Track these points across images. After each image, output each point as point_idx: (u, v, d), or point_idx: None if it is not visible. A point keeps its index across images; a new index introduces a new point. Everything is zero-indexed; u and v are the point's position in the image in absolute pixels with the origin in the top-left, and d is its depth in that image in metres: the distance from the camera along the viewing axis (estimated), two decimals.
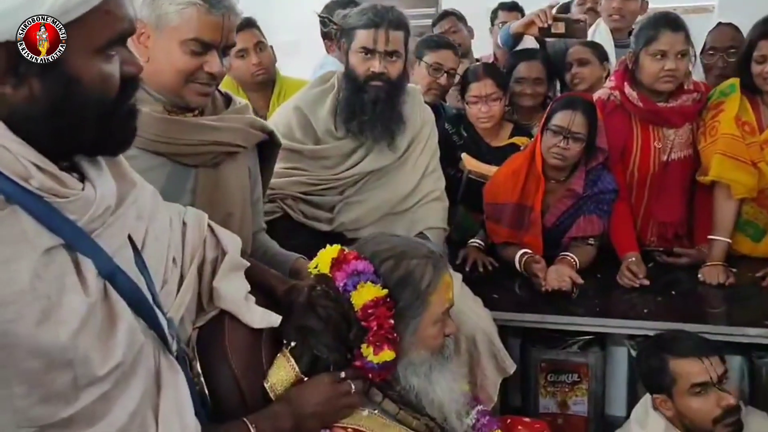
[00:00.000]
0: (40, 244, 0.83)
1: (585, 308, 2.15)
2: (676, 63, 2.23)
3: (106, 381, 0.87)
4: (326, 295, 1.24)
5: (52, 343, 0.81)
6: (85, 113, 0.86)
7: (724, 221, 2.30)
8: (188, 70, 1.38)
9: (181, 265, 1.14)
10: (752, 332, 1.98)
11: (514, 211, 2.34)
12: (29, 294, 0.80)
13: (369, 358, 1.21)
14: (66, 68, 0.83)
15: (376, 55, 1.95)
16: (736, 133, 2.27)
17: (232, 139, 1.50)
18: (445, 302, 1.30)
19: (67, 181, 0.87)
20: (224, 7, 1.36)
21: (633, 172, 2.40)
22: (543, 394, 2.27)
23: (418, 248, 1.33)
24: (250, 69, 2.73)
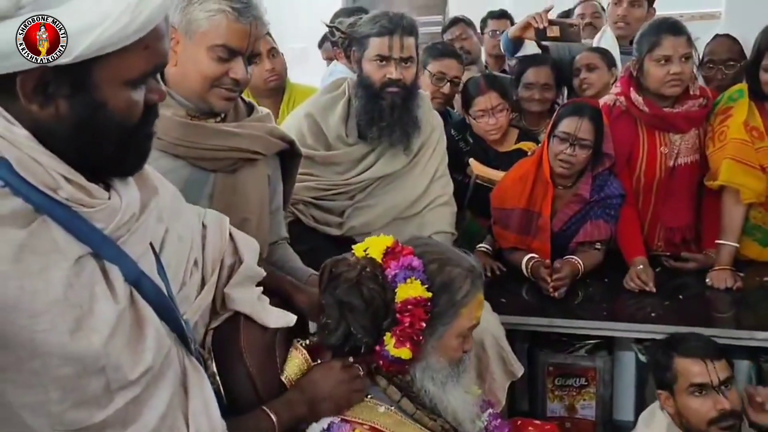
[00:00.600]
0: (71, 253, 0.85)
1: (592, 312, 2.16)
2: (681, 66, 2.24)
3: (138, 385, 0.89)
4: (375, 278, 1.25)
5: (85, 351, 0.84)
6: (107, 136, 0.89)
7: (732, 226, 2.31)
8: (214, 76, 1.42)
9: (203, 267, 1.16)
10: (760, 336, 1.98)
11: (522, 217, 2.36)
12: (62, 303, 0.82)
13: (388, 348, 1.23)
14: (95, 94, 0.85)
15: (391, 62, 1.98)
16: (745, 138, 2.28)
17: (251, 145, 1.54)
18: (473, 319, 1.32)
19: (94, 191, 0.89)
20: (252, 16, 1.41)
21: (640, 177, 2.41)
22: (551, 398, 2.29)
23: (462, 260, 1.34)
24: (263, 75, 2.76)
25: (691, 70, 2.29)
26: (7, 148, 0.83)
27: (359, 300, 1.23)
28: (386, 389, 1.31)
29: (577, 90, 2.88)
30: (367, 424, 1.24)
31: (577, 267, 2.28)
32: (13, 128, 0.84)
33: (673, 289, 2.24)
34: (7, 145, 0.83)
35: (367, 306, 1.23)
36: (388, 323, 1.24)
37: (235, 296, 1.21)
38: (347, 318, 1.24)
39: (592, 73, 2.82)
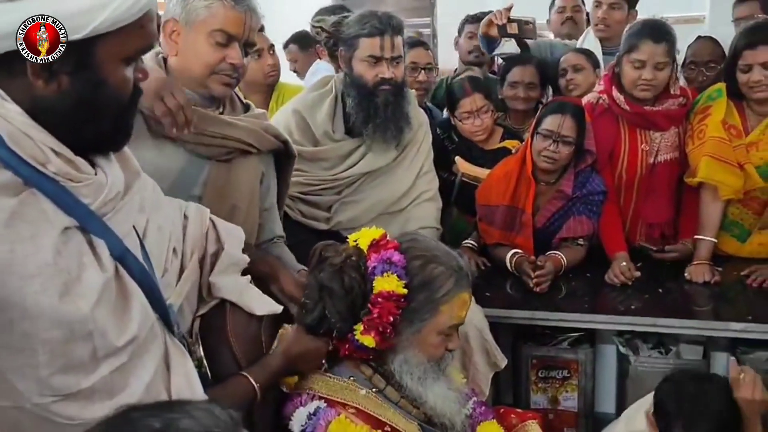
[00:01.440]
0: (58, 223, 0.89)
1: (575, 306, 2.20)
2: (653, 74, 2.29)
3: (124, 353, 0.93)
4: (357, 268, 1.30)
5: (74, 315, 0.87)
6: (105, 112, 0.94)
7: (710, 221, 2.36)
8: (213, 62, 1.51)
9: (182, 256, 1.20)
10: (736, 327, 2.03)
11: (506, 213, 2.40)
12: (52, 267, 0.86)
13: (356, 334, 1.28)
14: (98, 71, 0.91)
15: (383, 61, 2.04)
16: (723, 136, 2.32)
17: (246, 137, 1.60)
18: (455, 318, 1.34)
19: (81, 166, 0.93)
20: (247, 6, 1.52)
21: (621, 173, 2.46)
22: (534, 390, 2.33)
23: (450, 258, 1.37)
24: (264, 69, 2.82)
25: (666, 77, 2.33)
26: (0, 123, 0.87)
27: (339, 286, 1.27)
28: (371, 377, 1.35)
29: (563, 90, 2.92)
30: (351, 405, 1.28)
31: (560, 262, 2.32)
32: (5, 104, 0.88)
33: (653, 283, 2.29)
34: (0, 120, 0.87)
35: (346, 293, 1.27)
36: (363, 312, 1.28)
37: (220, 284, 1.25)
38: (325, 301, 1.28)
39: (579, 73, 2.86)
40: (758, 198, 2.38)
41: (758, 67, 2.21)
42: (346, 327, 1.29)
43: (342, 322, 1.28)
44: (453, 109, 2.71)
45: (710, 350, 2.26)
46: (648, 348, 2.24)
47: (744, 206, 2.40)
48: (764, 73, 2.21)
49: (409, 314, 1.30)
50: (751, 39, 2.24)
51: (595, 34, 3.21)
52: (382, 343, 1.28)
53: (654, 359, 2.21)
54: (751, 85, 2.25)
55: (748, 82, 2.25)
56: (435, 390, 1.33)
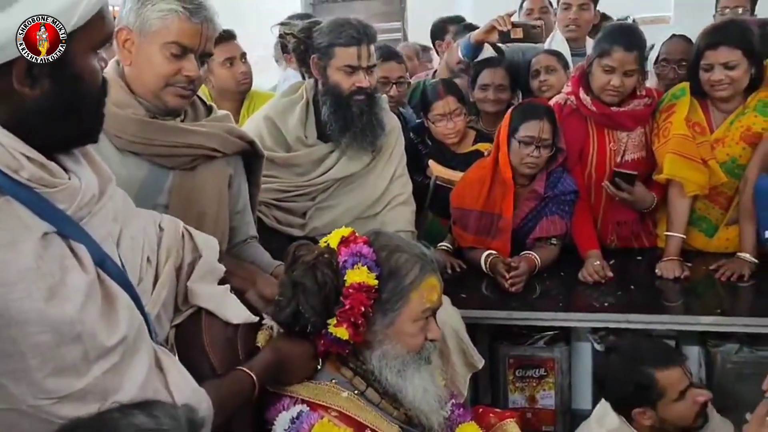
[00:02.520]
0: (37, 228, 0.89)
1: (550, 305, 2.24)
2: (622, 80, 2.34)
3: (115, 353, 0.93)
4: (329, 264, 1.31)
5: (61, 318, 0.87)
6: (86, 104, 0.96)
7: (678, 218, 2.40)
8: (167, 74, 1.48)
9: (156, 264, 1.21)
10: (705, 320, 2.08)
11: (480, 218, 2.42)
12: (35, 272, 0.86)
13: (330, 329, 1.29)
14: (72, 68, 0.93)
15: (360, 70, 2.05)
16: (686, 133, 2.37)
17: (209, 142, 1.59)
18: (426, 302, 1.35)
19: (55, 171, 0.94)
20: (203, 17, 1.48)
21: (591, 173, 2.50)
22: (512, 390, 2.36)
23: (412, 248, 1.39)
24: (237, 77, 2.82)
25: (634, 83, 2.38)
26: None
27: (312, 282, 1.28)
28: (352, 379, 1.35)
29: (536, 92, 2.95)
30: (334, 409, 1.29)
31: (534, 262, 2.36)
32: None
33: (625, 280, 2.33)
34: None
35: (319, 289, 1.28)
36: (337, 307, 1.29)
37: (197, 291, 1.25)
38: (299, 298, 1.29)
39: (551, 74, 2.90)
40: (724, 193, 2.44)
41: (719, 67, 2.27)
42: (321, 322, 1.30)
43: (316, 316, 1.29)
44: (426, 111, 2.73)
45: (682, 344, 2.31)
46: None
47: (710, 201, 2.46)
48: (725, 72, 2.27)
49: (380, 305, 1.32)
50: (712, 39, 2.29)
51: (565, 35, 3.26)
52: (356, 335, 1.29)
53: None
54: (712, 84, 2.31)
55: (709, 80, 2.31)
56: (415, 382, 1.34)
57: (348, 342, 1.30)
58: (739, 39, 2.27)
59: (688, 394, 1.77)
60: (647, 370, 1.77)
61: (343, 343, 1.30)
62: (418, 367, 1.36)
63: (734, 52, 2.25)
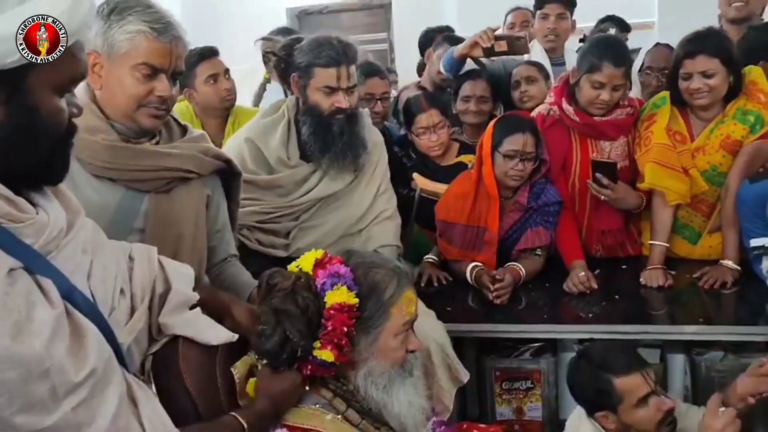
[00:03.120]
0: (3, 264, 0.88)
1: (535, 316, 2.24)
2: (611, 94, 2.36)
3: (84, 387, 0.92)
4: (308, 287, 1.30)
5: (28, 354, 0.86)
6: (40, 141, 0.94)
7: (661, 227, 2.41)
8: (139, 95, 1.46)
9: (131, 296, 1.20)
10: (689, 329, 2.09)
11: (464, 232, 2.42)
12: (1, 309, 0.85)
13: (315, 352, 1.28)
14: (30, 99, 0.91)
15: (339, 91, 2.04)
16: (667, 142, 2.39)
17: (184, 164, 1.58)
18: (406, 315, 1.36)
19: (22, 206, 0.93)
20: (172, 35, 1.46)
21: (574, 182, 2.51)
22: (499, 402, 2.36)
23: (386, 262, 1.41)
24: (221, 93, 2.82)
25: (621, 96, 2.40)
26: None
27: (294, 307, 1.28)
28: (332, 401, 1.35)
29: (517, 102, 2.97)
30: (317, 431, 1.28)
31: (519, 274, 2.36)
32: None
33: (610, 290, 2.34)
34: None
35: (302, 312, 1.28)
36: (320, 330, 1.28)
37: (170, 323, 1.24)
38: (283, 324, 1.28)
39: (532, 85, 2.92)
40: (706, 201, 2.45)
41: (697, 76, 2.29)
42: (309, 345, 1.29)
43: (304, 340, 1.28)
44: (410, 124, 2.74)
45: (667, 352, 2.31)
46: None
47: (693, 209, 2.47)
48: (703, 81, 2.28)
49: (362, 323, 1.32)
50: (690, 48, 2.31)
51: (544, 45, 3.29)
52: (341, 356, 1.29)
53: None
54: (691, 92, 2.33)
55: (688, 89, 2.33)
56: (401, 397, 1.34)
57: (333, 364, 1.29)
58: (717, 48, 2.29)
59: (651, 401, 1.77)
60: (606, 376, 1.79)
61: (328, 366, 1.30)
62: (403, 380, 1.37)
63: (712, 60, 2.27)
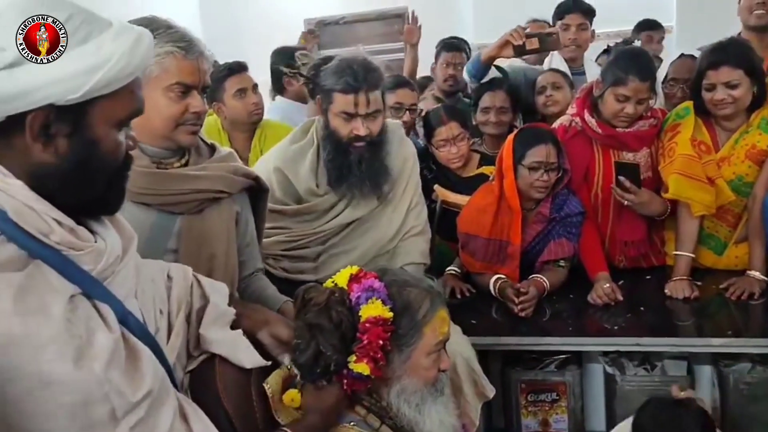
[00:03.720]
0: (64, 291, 0.92)
1: (560, 328, 2.23)
2: (635, 108, 2.36)
3: (141, 408, 0.95)
4: (342, 302, 1.32)
5: (89, 378, 0.90)
6: (99, 175, 0.99)
7: (687, 237, 2.40)
8: (176, 115, 1.49)
9: (168, 314, 1.23)
10: (716, 342, 2.08)
11: (487, 246, 2.42)
12: (64, 334, 0.89)
13: (350, 365, 1.29)
14: (90, 133, 0.95)
15: (357, 118, 2.00)
16: (691, 153, 2.37)
17: (214, 185, 1.60)
18: (439, 335, 1.37)
19: (82, 234, 0.97)
20: (197, 52, 1.50)
21: (597, 193, 2.51)
22: (525, 414, 2.35)
23: (420, 282, 1.41)
24: (249, 108, 2.85)
25: (645, 108, 2.40)
26: (3, 199, 0.91)
27: (328, 321, 1.29)
28: (366, 417, 1.36)
29: (540, 108, 2.98)
30: None
31: (543, 286, 2.36)
32: (8, 180, 0.93)
33: (635, 302, 2.33)
34: (3, 196, 0.91)
35: (336, 327, 1.29)
36: (355, 344, 1.29)
37: (210, 337, 1.26)
38: (317, 338, 1.29)
39: (558, 91, 2.94)
40: (732, 211, 2.44)
41: (721, 87, 2.28)
42: (342, 359, 1.30)
43: (338, 354, 1.29)
44: (430, 137, 2.75)
45: (693, 364, 2.30)
46: (633, 366, 2.26)
47: (718, 219, 2.46)
48: (727, 92, 2.28)
49: (396, 341, 1.33)
50: (713, 59, 2.31)
51: (565, 55, 3.29)
52: (376, 369, 1.30)
53: (640, 378, 2.24)
54: (715, 103, 2.32)
55: (711, 100, 2.32)
56: (432, 415, 1.35)
57: (369, 378, 1.30)
58: (741, 58, 2.28)
59: None
60: None
61: (364, 379, 1.30)
62: (435, 399, 1.37)
63: (736, 71, 2.26)
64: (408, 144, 2.31)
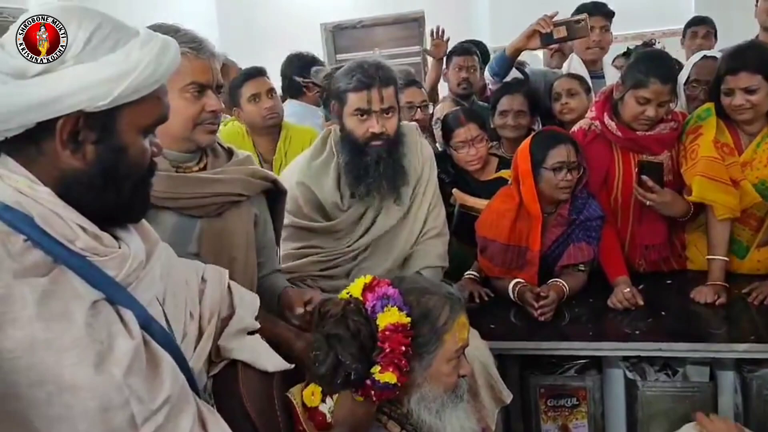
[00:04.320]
0: (88, 297, 0.93)
1: (579, 333, 2.21)
2: (656, 111, 2.33)
3: (160, 414, 0.95)
4: (359, 311, 1.32)
5: (110, 384, 0.90)
6: (125, 181, 1.00)
7: (718, 241, 2.36)
8: (194, 115, 1.51)
9: (199, 318, 1.23)
10: (740, 348, 2.05)
11: (506, 251, 2.40)
12: (86, 339, 0.90)
13: (375, 376, 1.29)
14: (118, 140, 0.97)
15: (372, 115, 1.99)
16: (714, 155, 2.35)
17: (233, 189, 1.62)
18: (459, 341, 1.37)
19: (106, 241, 0.98)
20: (209, 51, 1.52)
21: (617, 197, 2.49)
22: (544, 420, 2.33)
23: (439, 288, 1.41)
24: (262, 113, 2.88)
25: (665, 112, 2.37)
26: (31, 205, 0.93)
27: (345, 331, 1.30)
28: (386, 424, 1.36)
29: (557, 115, 2.97)
30: None
31: (563, 290, 2.34)
32: (35, 186, 0.94)
33: (655, 306, 2.30)
34: (31, 202, 0.93)
35: (354, 336, 1.29)
36: (376, 353, 1.29)
37: (229, 347, 1.27)
38: (335, 348, 1.29)
39: (573, 98, 2.92)
40: (755, 214, 2.41)
41: (740, 92, 2.26)
42: (362, 368, 1.30)
43: (357, 362, 1.29)
44: (448, 139, 2.75)
45: (716, 369, 2.27)
46: (655, 371, 2.24)
47: (741, 223, 2.43)
48: (746, 97, 2.25)
49: (417, 348, 1.33)
50: (732, 64, 2.28)
51: (586, 58, 3.28)
52: (402, 376, 1.30)
53: (662, 383, 2.21)
54: (733, 108, 2.30)
55: (730, 105, 2.30)
56: (453, 421, 1.36)
57: (396, 386, 1.30)
58: (760, 63, 2.25)
59: None
60: None
61: (391, 388, 1.30)
62: (455, 405, 1.38)
63: (755, 77, 2.23)
64: (425, 146, 2.30)
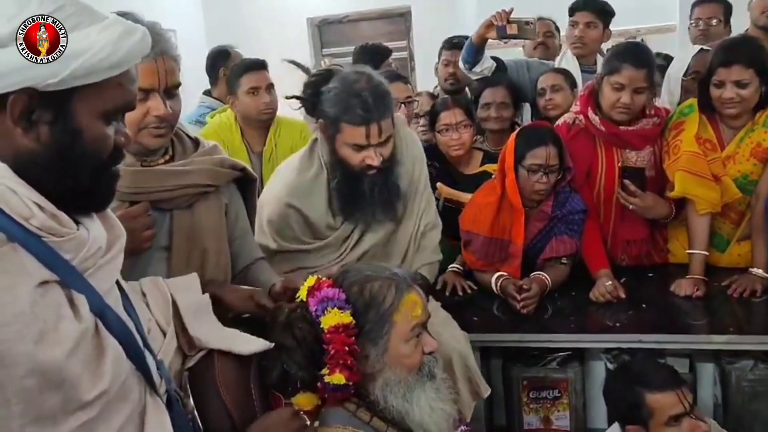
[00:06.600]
0: (37, 276, 0.90)
1: (561, 325, 2.23)
2: (632, 98, 2.33)
3: (92, 408, 0.93)
4: (304, 318, 1.33)
5: (49, 361, 0.88)
6: (81, 165, 0.96)
7: (698, 235, 2.37)
8: (136, 120, 1.44)
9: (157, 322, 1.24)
10: (718, 339, 2.07)
11: (488, 244, 2.41)
12: (28, 315, 0.87)
13: (326, 378, 1.30)
14: (74, 122, 0.93)
15: (369, 147, 1.90)
16: (697, 150, 2.36)
17: (201, 179, 1.58)
18: (412, 320, 1.36)
19: (64, 221, 0.94)
20: (156, 52, 1.39)
21: (600, 192, 2.50)
22: (526, 411, 2.35)
23: (382, 271, 1.41)
24: (259, 107, 2.89)
25: (644, 101, 2.37)
26: None
27: (291, 339, 1.31)
28: (356, 412, 1.36)
29: (542, 110, 2.98)
30: None
31: (545, 283, 2.35)
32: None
33: (636, 299, 2.32)
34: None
35: (299, 344, 1.31)
36: (324, 356, 1.30)
37: (202, 336, 1.27)
38: (281, 357, 1.31)
39: (557, 94, 2.93)
40: (736, 209, 2.43)
41: (730, 85, 2.27)
42: (309, 376, 1.32)
43: (303, 371, 1.31)
44: (434, 123, 2.76)
45: (696, 361, 2.30)
46: None
47: (722, 217, 2.45)
48: (736, 90, 2.26)
49: (367, 336, 1.33)
50: (725, 57, 2.29)
51: (572, 52, 3.29)
52: (352, 375, 1.30)
53: None
54: (722, 101, 2.30)
55: (720, 97, 2.31)
56: (421, 402, 1.34)
57: (347, 385, 1.31)
58: (753, 58, 2.26)
59: (684, 422, 1.77)
60: (639, 390, 1.81)
61: (343, 388, 1.32)
62: (422, 385, 1.36)
63: (747, 71, 2.25)
64: (415, 143, 2.23)
